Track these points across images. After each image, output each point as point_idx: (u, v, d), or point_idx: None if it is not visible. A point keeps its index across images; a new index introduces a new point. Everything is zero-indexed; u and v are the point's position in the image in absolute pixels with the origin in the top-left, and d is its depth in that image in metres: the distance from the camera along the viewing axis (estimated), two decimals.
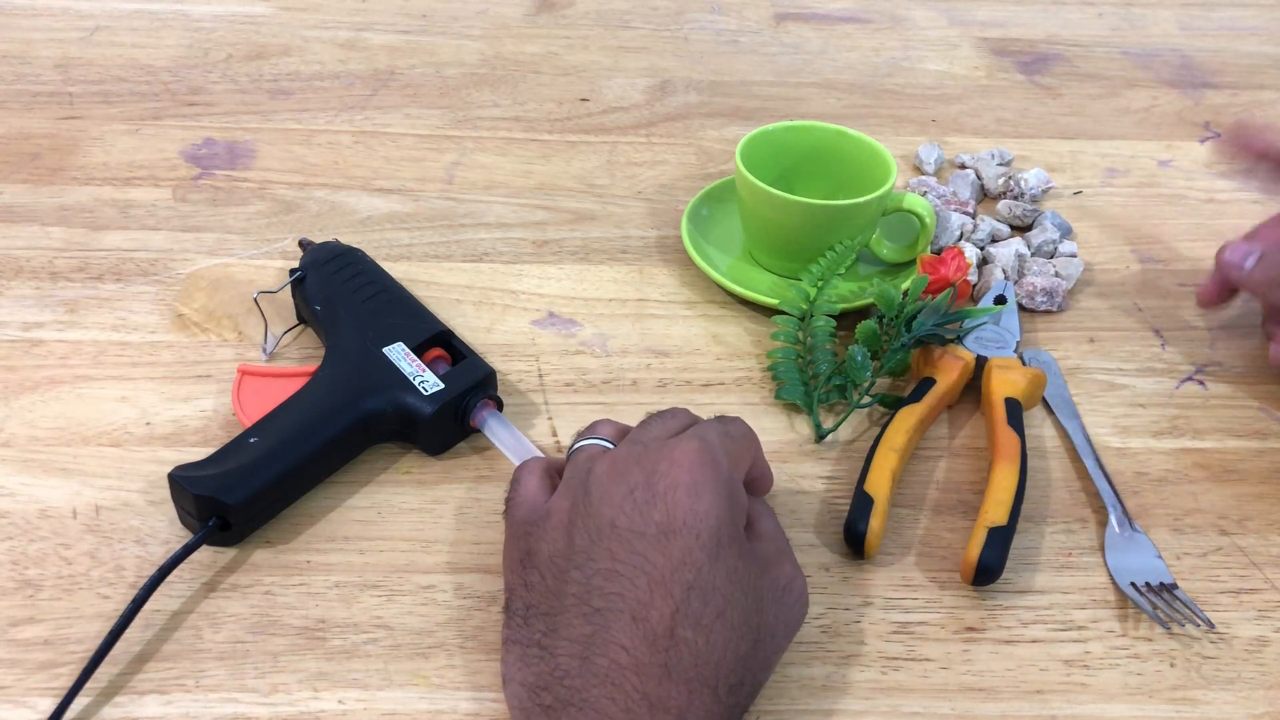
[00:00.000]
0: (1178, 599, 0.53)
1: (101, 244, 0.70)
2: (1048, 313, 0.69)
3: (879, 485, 0.55)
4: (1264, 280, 0.62)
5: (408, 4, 0.97)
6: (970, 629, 0.52)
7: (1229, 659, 0.51)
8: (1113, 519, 0.56)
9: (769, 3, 1.01)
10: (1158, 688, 0.50)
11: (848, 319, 0.66)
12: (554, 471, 0.51)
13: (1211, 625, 0.52)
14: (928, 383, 0.60)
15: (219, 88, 0.85)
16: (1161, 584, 0.54)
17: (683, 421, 0.51)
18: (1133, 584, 0.53)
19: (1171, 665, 0.51)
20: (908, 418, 0.58)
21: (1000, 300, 0.66)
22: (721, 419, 0.50)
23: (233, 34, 0.91)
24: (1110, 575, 0.54)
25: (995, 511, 0.54)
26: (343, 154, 0.79)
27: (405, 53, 0.91)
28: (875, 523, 0.53)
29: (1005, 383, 0.61)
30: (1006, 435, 0.58)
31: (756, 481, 0.52)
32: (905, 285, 0.67)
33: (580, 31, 0.95)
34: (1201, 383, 0.65)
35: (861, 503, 0.54)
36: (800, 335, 0.63)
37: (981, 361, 0.62)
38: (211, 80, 0.86)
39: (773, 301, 0.66)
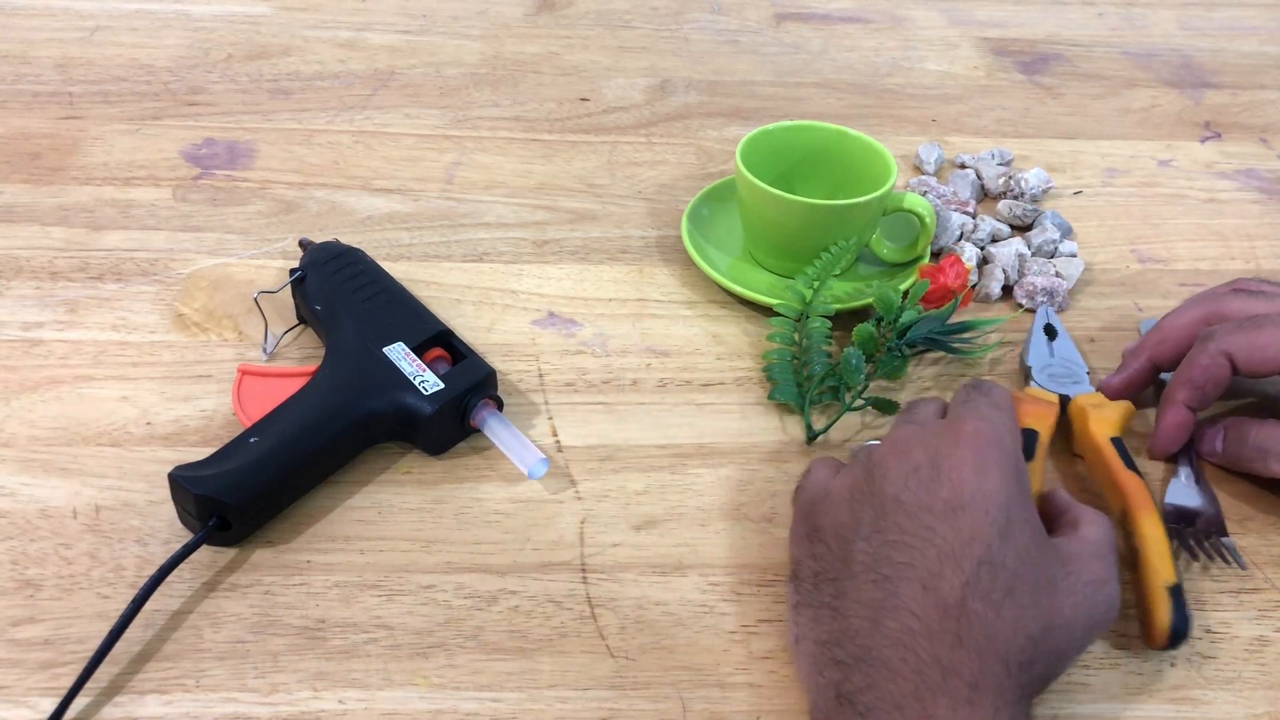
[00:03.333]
0: (1223, 545, 0.55)
1: (101, 244, 0.70)
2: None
3: None
4: (1236, 454, 0.59)
5: (408, 4, 0.97)
6: None
7: (1229, 659, 0.51)
8: (1182, 473, 0.58)
9: (769, 3, 1.01)
10: (1158, 688, 0.50)
11: (848, 320, 0.66)
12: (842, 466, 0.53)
13: (1244, 566, 0.54)
14: (1029, 435, 0.57)
15: (219, 88, 0.85)
16: (1212, 530, 0.55)
17: (940, 404, 0.54)
18: (1182, 528, 0.55)
19: (1172, 665, 0.51)
20: (1032, 480, 0.54)
21: (1049, 331, 0.65)
22: (978, 386, 0.53)
23: (233, 34, 0.91)
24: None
25: (1165, 568, 0.51)
26: (343, 154, 0.79)
27: (405, 53, 0.91)
28: None
29: (1104, 422, 0.58)
30: (1132, 481, 0.55)
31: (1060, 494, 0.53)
32: (905, 287, 0.67)
33: (580, 31, 0.95)
34: None
35: None
36: (795, 336, 0.63)
37: (1064, 400, 0.60)
38: (211, 80, 0.86)
39: (772, 301, 0.66)
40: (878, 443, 0.52)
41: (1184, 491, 0.58)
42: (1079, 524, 0.50)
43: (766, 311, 0.68)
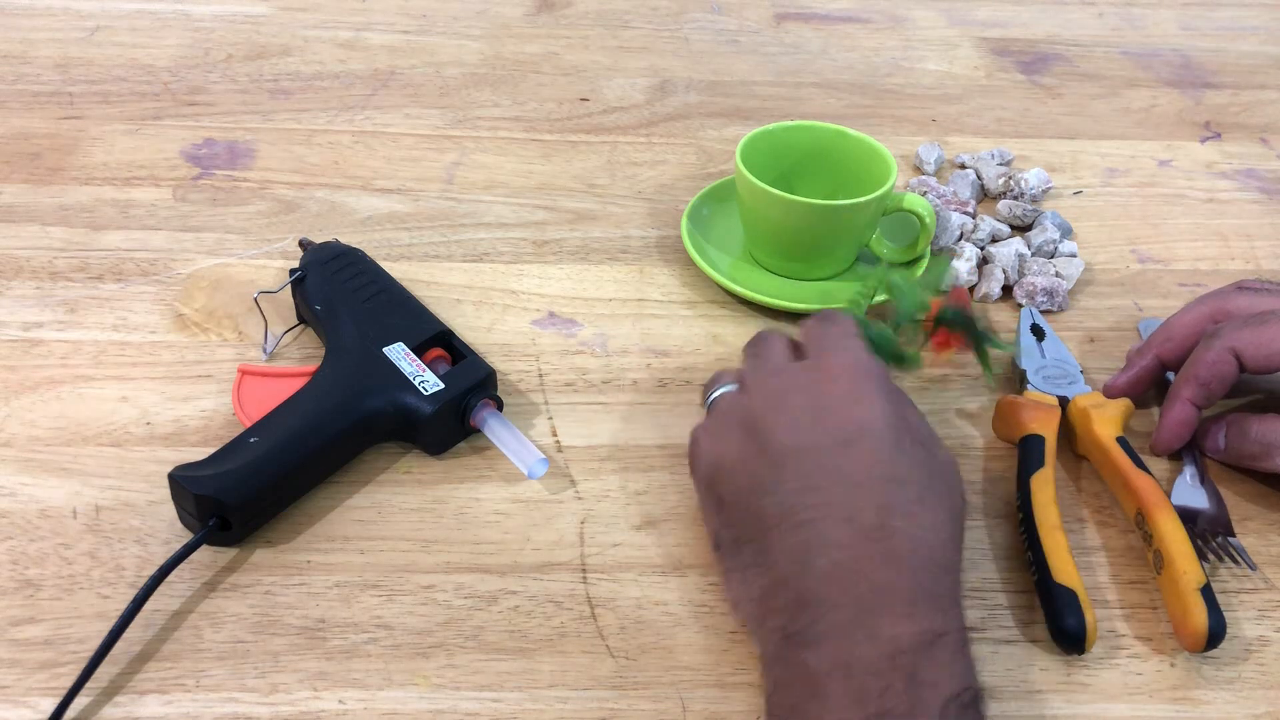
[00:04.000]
0: (1229, 544, 0.55)
1: (101, 244, 0.70)
2: (1048, 312, 0.69)
3: (1070, 574, 0.51)
4: (1239, 449, 0.59)
5: (408, 4, 0.97)
6: (970, 629, 0.52)
7: (1229, 659, 0.51)
8: (1187, 472, 0.58)
9: (769, 3, 1.01)
10: (1158, 688, 0.50)
11: None
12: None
13: (1253, 567, 0.55)
14: (1036, 440, 0.57)
15: (219, 88, 0.85)
16: (1218, 530, 0.55)
17: (785, 340, 0.55)
18: (1190, 528, 0.54)
19: (1171, 665, 0.51)
20: (1045, 487, 0.55)
21: (1037, 332, 0.65)
22: (824, 318, 0.55)
23: (233, 34, 0.91)
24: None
25: (1193, 569, 0.51)
26: (343, 154, 0.79)
27: (405, 53, 0.91)
28: (1089, 616, 0.50)
29: (1107, 422, 0.58)
30: (1144, 481, 0.55)
31: None
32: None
33: (580, 31, 0.95)
34: None
35: (1064, 598, 0.51)
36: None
37: (1063, 402, 0.60)
38: (211, 80, 0.86)
39: (773, 302, 0.66)
40: (727, 389, 0.54)
41: (1189, 492, 0.58)
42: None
43: (766, 312, 0.68)
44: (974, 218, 0.75)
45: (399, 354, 0.58)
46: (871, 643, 0.42)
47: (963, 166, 0.81)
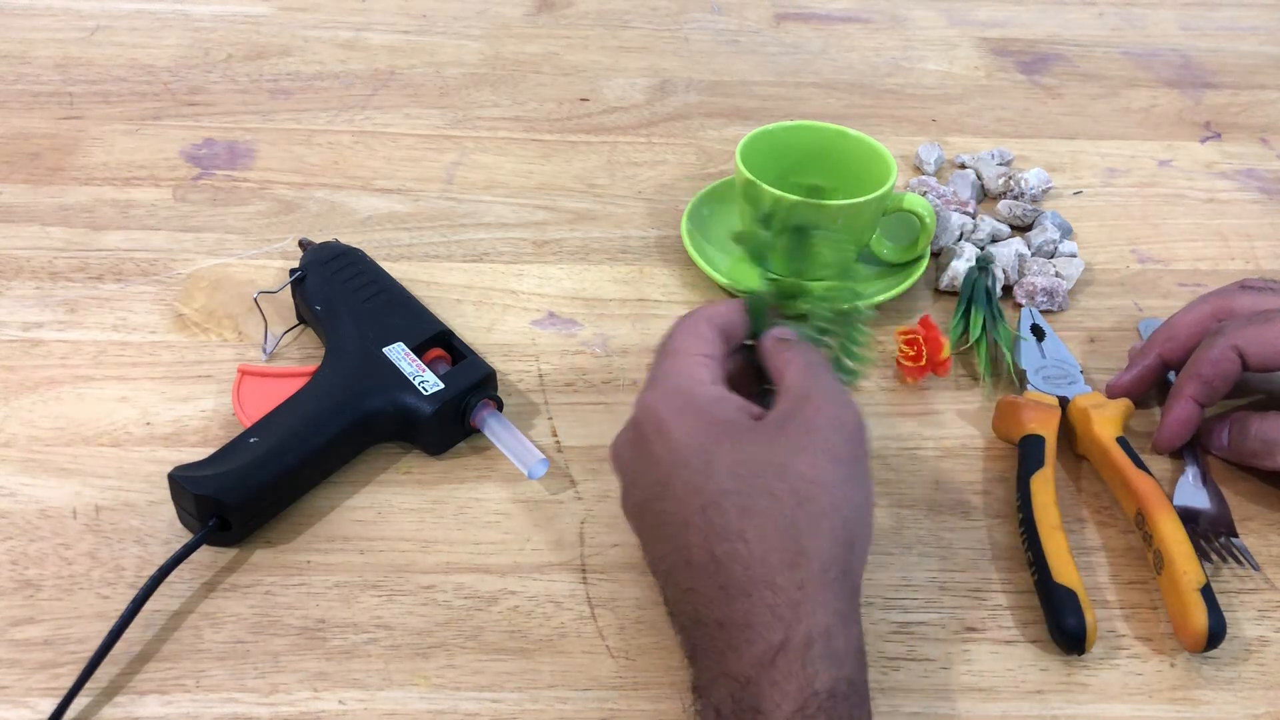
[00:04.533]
0: (1232, 545, 0.55)
1: (101, 244, 0.70)
2: (1048, 312, 0.69)
3: (1070, 574, 0.52)
4: (1240, 447, 0.58)
5: (408, 4, 0.97)
6: (970, 629, 0.52)
7: (1229, 659, 0.51)
8: (1189, 473, 0.58)
9: (769, 3, 1.01)
10: (1158, 688, 0.50)
11: None
12: None
13: (1257, 568, 0.54)
14: (1036, 441, 0.57)
15: (219, 88, 0.85)
16: (1221, 531, 0.55)
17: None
18: (1192, 529, 0.54)
19: (1171, 665, 0.51)
20: (1045, 487, 0.55)
21: (1037, 331, 0.65)
22: (662, 343, 0.50)
23: (233, 34, 0.91)
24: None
25: (1193, 570, 0.51)
26: (343, 154, 0.79)
27: (405, 53, 0.91)
28: (1089, 616, 0.50)
29: (1107, 422, 0.58)
30: (1144, 481, 0.55)
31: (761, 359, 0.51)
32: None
33: (580, 31, 0.95)
34: None
35: (1064, 598, 0.51)
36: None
37: (1062, 402, 0.60)
38: (211, 80, 0.86)
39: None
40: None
41: (1191, 492, 0.58)
42: (780, 376, 0.48)
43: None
44: (974, 218, 0.75)
45: (399, 354, 0.58)
46: (726, 684, 0.42)
47: (963, 166, 0.81)
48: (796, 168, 0.70)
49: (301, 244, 0.67)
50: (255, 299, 0.65)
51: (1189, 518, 0.56)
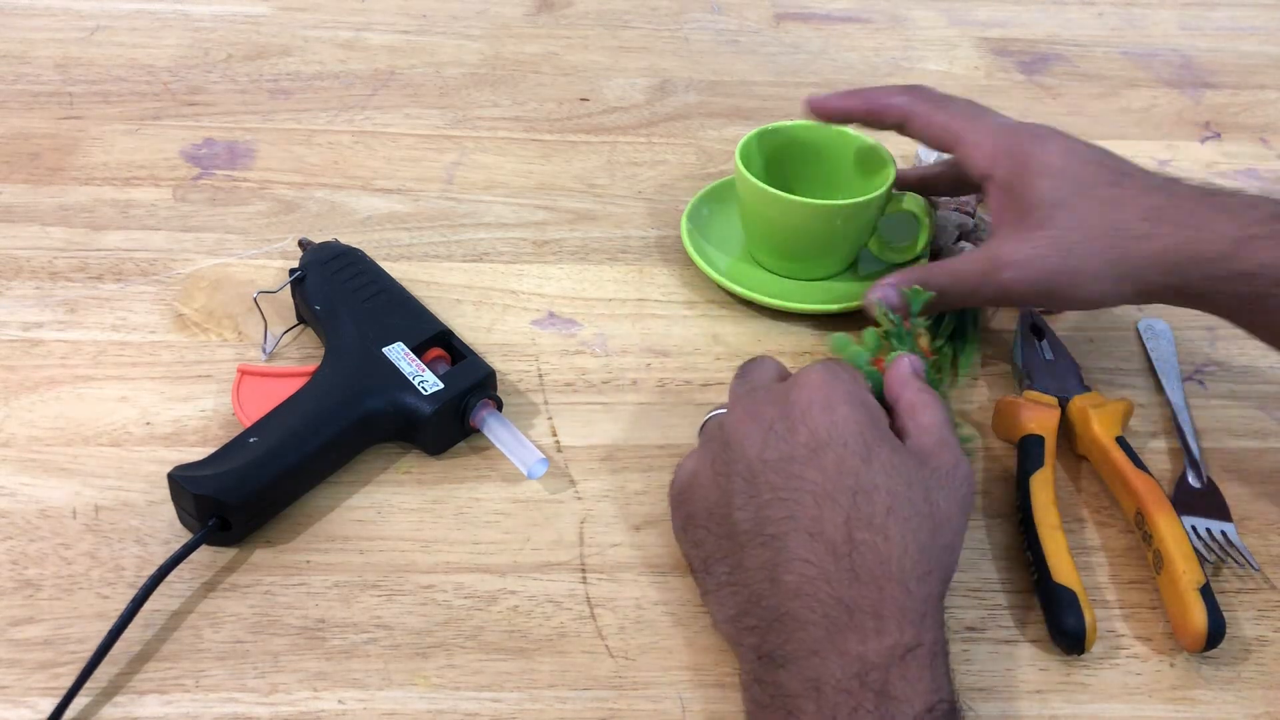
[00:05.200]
0: (1232, 544, 0.55)
1: (101, 244, 0.70)
2: (1047, 313, 0.69)
3: (1069, 574, 0.52)
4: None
5: (408, 4, 0.97)
6: (970, 628, 0.52)
7: (1228, 659, 0.51)
8: (1189, 475, 0.58)
9: (769, 3, 1.01)
10: (1157, 688, 0.50)
11: (844, 322, 0.66)
12: None
13: (1256, 568, 0.54)
14: (1035, 440, 0.58)
15: (219, 88, 0.85)
16: (1223, 532, 0.55)
17: (776, 364, 0.53)
18: (1193, 527, 0.55)
19: (1171, 665, 0.51)
20: (1044, 487, 0.55)
21: (1036, 331, 0.65)
22: (816, 362, 0.52)
23: (233, 34, 0.91)
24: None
25: (1192, 569, 0.51)
26: (343, 154, 0.79)
27: (405, 53, 0.91)
28: (1089, 616, 0.50)
29: (1107, 422, 0.58)
30: (1144, 481, 0.55)
31: (892, 382, 0.53)
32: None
33: (580, 31, 0.95)
34: (1201, 382, 0.65)
35: (1063, 597, 0.51)
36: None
37: (1062, 402, 0.60)
38: (211, 80, 0.86)
39: (772, 301, 0.66)
40: (716, 413, 0.52)
41: (1190, 492, 0.58)
42: (915, 411, 0.50)
43: (767, 312, 0.68)
44: (973, 217, 0.75)
45: (399, 354, 0.58)
46: (841, 660, 0.42)
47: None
48: (796, 168, 0.70)
49: (301, 244, 0.67)
50: (255, 299, 0.65)
51: (1186, 510, 0.56)
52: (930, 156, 0.81)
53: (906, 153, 0.82)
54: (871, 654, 0.42)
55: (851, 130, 0.70)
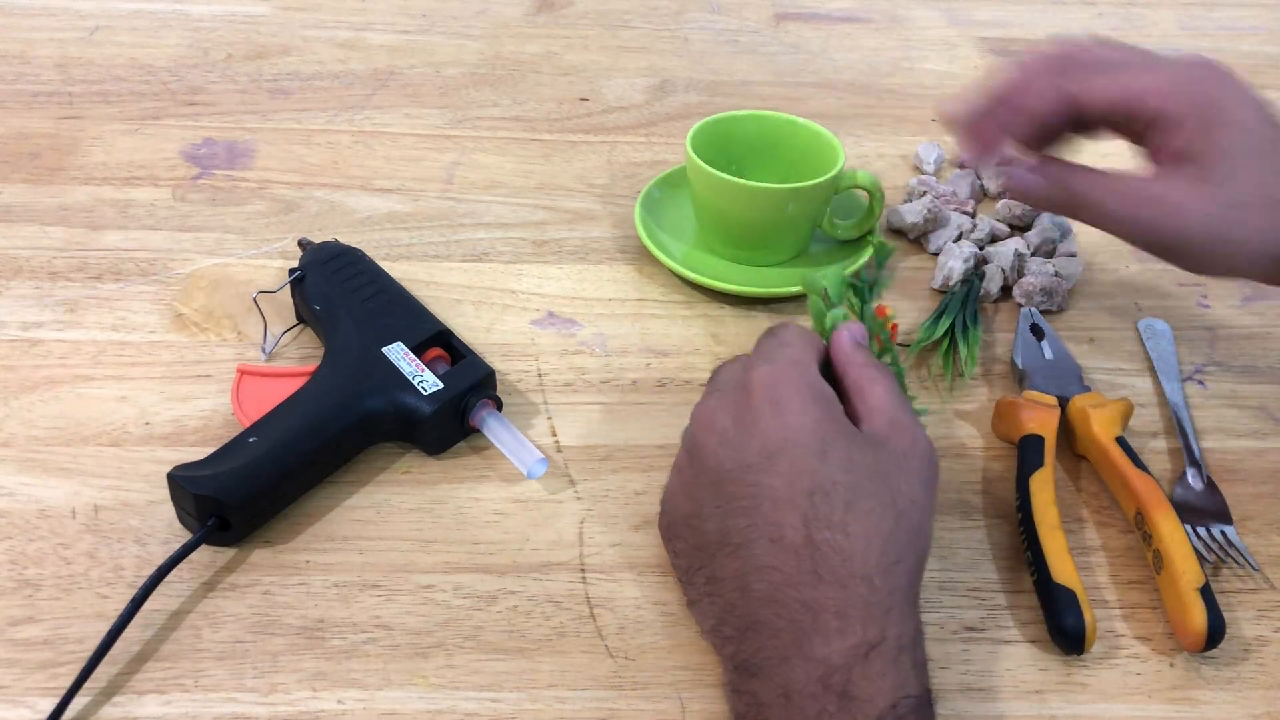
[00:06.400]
0: (1232, 545, 0.55)
1: (101, 244, 0.70)
2: (1047, 312, 0.69)
3: (1069, 574, 0.51)
4: (1045, 194, 0.59)
5: (408, 4, 0.97)
6: (969, 629, 0.52)
7: (1229, 659, 0.51)
8: (1189, 475, 0.58)
9: (769, 3, 1.01)
10: (1157, 688, 0.50)
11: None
12: None
13: (1256, 568, 0.54)
14: (1035, 441, 0.57)
15: (219, 88, 0.85)
16: (1223, 532, 0.55)
17: (739, 364, 0.52)
18: (1193, 528, 0.55)
19: (1171, 665, 0.51)
20: (1045, 487, 0.55)
21: (1036, 331, 0.65)
22: (770, 332, 0.52)
23: (233, 34, 0.91)
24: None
25: (1192, 569, 0.51)
26: (342, 154, 0.79)
27: (405, 53, 0.91)
28: (1089, 616, 0.50)
29: (1106, 422, 0.58)
30: (1144, 481, 0.55)
31: (836, 359, 0.52)
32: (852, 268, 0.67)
33: (580, 31, 0.95)
34: (1201, 382, 0.65)
35: (1063, 597, 0.51)
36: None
37: (1062, 402, 0.60)
38: (211, 80, 0.86)
39: (726, 287, 0.67)
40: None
41: (1190, 492, 0.58)
42: (863, 390, 0.50)
43: (766, 312, 0.68)
44: (973, 217, 0.75)
45: (398, 354, 0.58)
46: (806, 665, 0.42)
47: (962, 166, 0.81)
48: (748, 156, 0.71)
49: (301, 244, 0.67)
50: (254, 299, 0.65)
51: (1187, 517, 0.56)
52: (931, 155, 0.81)
53: (907, 153, 0.83)
54: (835, 655, 0.42)
55: (800, 119, 0.71)
